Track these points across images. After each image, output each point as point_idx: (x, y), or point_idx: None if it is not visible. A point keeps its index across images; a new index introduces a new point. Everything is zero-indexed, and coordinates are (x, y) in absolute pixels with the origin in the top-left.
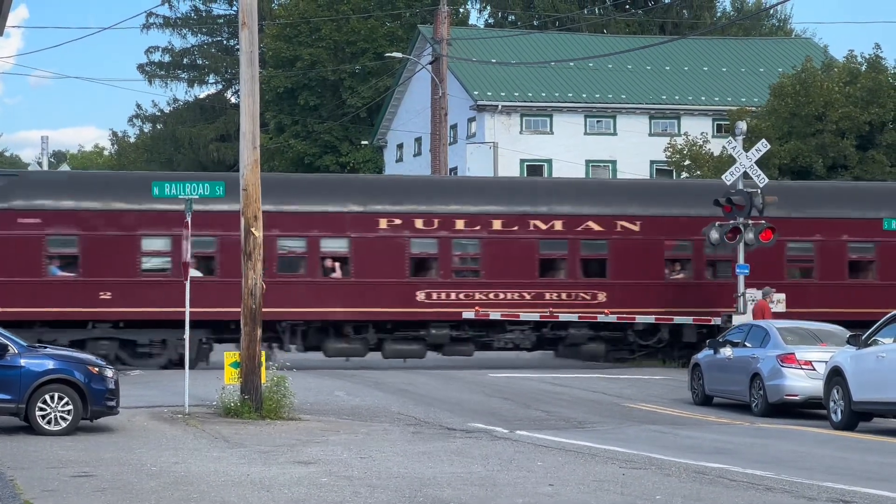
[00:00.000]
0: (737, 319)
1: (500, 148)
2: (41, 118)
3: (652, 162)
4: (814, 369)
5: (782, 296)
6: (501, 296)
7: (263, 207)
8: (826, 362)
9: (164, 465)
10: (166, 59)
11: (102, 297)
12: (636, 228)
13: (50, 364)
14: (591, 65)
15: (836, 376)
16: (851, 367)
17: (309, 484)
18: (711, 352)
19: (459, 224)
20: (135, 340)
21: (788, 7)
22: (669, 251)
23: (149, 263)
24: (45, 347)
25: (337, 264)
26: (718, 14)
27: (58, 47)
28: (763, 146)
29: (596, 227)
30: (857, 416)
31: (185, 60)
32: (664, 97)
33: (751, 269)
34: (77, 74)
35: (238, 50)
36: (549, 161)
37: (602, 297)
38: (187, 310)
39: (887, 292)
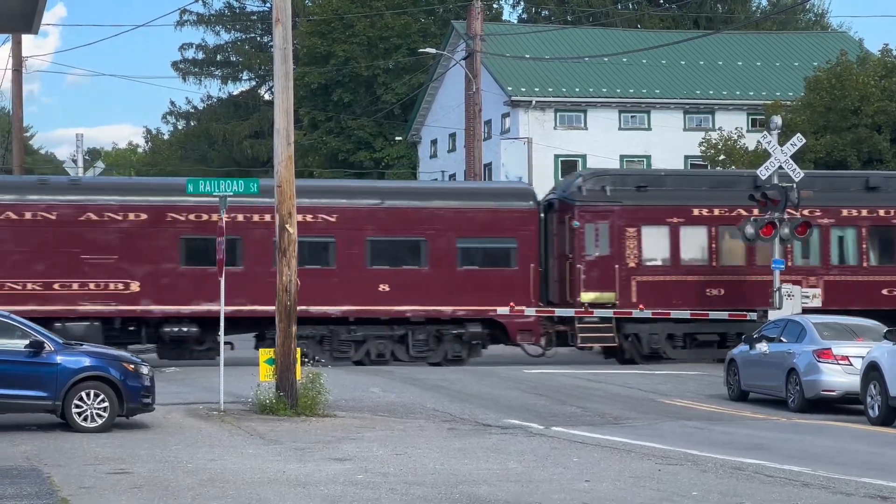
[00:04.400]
0: (772, 315)
1: (534, 144)
2: (77, 116)
3: (686, 157)
4: (850, 364)
5: (818, 290)
6: None
7: None
8: (863, 357)
9: (200, 462)
10: (200, 56)
11: None
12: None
13: (86, 361)
14: (625, 60)
15: (872, 371)
16: (888, 362)
17: (345, 481)
18: (747, 347)
19: None
20: None
21: (826, 2)
22: None
23: None
24: (82, 345)
25: None
26: (753, 9)
27: (93, 45)
28: (798, 140)
29: None
30: (895, 412)
31: (218, 57)
32: (698, 92)
33: None
34: (112, 72)
35: (272, 46)
36: (584, 156)
37: None
38: (222, 307)
39: None
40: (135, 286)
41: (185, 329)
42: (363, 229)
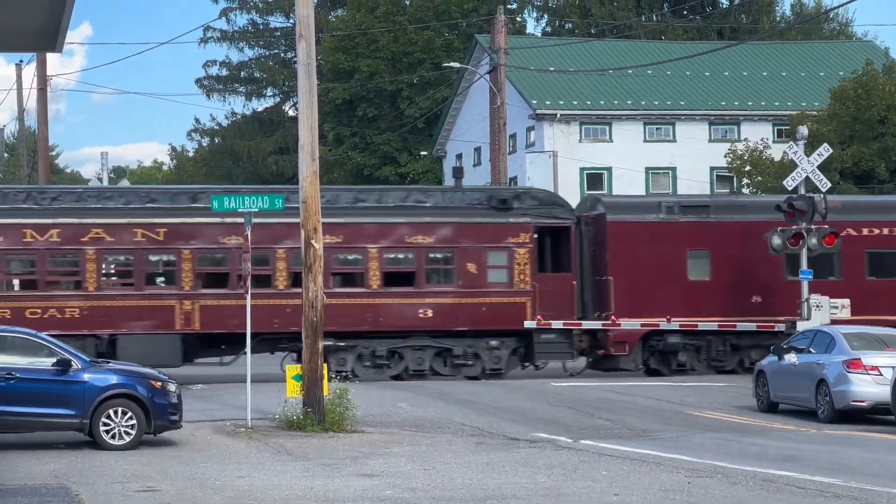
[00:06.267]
0: (801, 325)
1: (559, 157)
2: (102, 134)
3: (712, 168)
4: (881, 374)
5: (847, 301)
6: None
7: None
8: (893, 367)
9: (227, 479)
10: (224, 72)
11: None
12: None
13: (113, 379)
14: (649, 72)
15: None
16: None
17: (373, 497)
18: (776, 358)
19: None
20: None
21: (850, 11)
22: None
23: None
24: (108, 362)
25: None
26: (777, 18)
27: (118, 64)
28: (825, 150)
29: None
30: None
31: (242, 74)
32: (723, 103)
33: None
34: (137, 90)
35: (295, 62)
36: (609, 169)
37: None
38: (248, 323)
39: None
40: None
41: None
42: None
